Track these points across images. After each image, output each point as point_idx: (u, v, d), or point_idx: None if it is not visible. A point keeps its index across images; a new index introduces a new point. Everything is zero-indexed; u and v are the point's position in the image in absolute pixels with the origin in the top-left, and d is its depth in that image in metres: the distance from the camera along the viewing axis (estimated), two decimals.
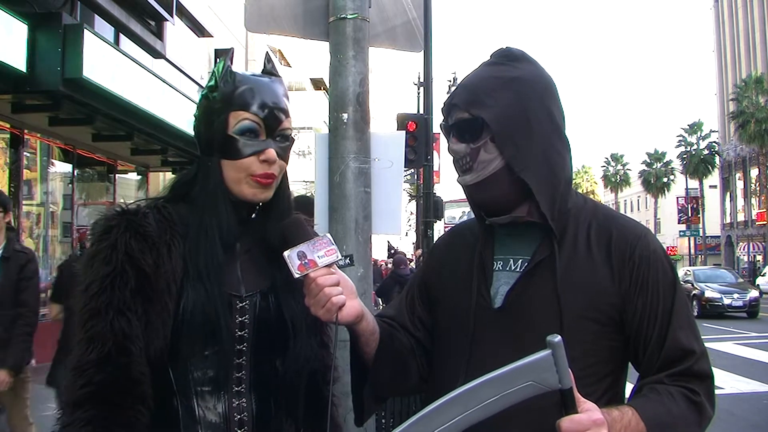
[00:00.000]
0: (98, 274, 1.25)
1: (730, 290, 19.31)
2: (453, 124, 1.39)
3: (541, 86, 1.38)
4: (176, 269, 1.30)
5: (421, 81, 16.60)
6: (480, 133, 1.34)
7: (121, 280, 1.25)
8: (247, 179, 1.36)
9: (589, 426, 1.10)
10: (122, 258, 1.25)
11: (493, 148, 1.33)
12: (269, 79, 1.43)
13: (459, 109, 1.37)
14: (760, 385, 8.43)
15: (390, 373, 1.43)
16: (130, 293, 1.25)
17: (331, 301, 1.26)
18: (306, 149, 20.44)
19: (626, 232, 1.36)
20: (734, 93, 41.57)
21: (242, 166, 1.35)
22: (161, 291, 1.28)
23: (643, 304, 1.31)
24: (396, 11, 3.49)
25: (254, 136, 1.35)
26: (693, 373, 1.29)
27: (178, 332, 1.29)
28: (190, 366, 1.31)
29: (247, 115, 1.35)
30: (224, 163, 1.36)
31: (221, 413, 1.32)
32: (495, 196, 1.36)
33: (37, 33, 7.57)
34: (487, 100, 1.34)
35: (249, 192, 1.37)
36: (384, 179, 3.28)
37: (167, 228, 1.32)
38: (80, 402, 1.20)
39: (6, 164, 9.18)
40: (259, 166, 1.35)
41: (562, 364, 1.05)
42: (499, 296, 1.36)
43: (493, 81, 1.36)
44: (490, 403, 1.04)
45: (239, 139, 1.34)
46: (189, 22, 14.30)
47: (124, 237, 1.27)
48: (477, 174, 1.35)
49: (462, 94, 1.38)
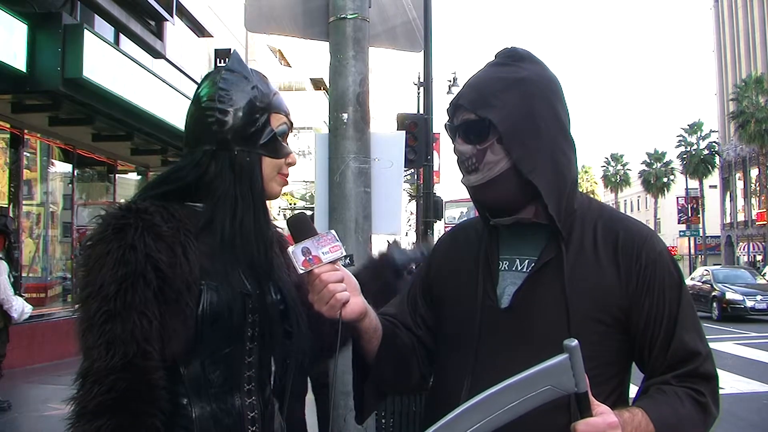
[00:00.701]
0: (115, 275, 1.19)
1: (753, 291, 17.70)
2: (459, 125, 1.38)
3: (547, 86, 1.38)
4: (193, 269, 1.27)
5: (421, 81, 16.60)
6: (487, 135, 1.34)
7: (144, 282, 1.20)
8: (276, 177, 1.43)
9: (605, 429, 1.12)
10: (142, 258, 1.21)
11: (500, 150, 1.33)
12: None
13: (465, 109, 1.37)
14: (760, 385, 8.42)
15: (391, 371, 1.44)
16: (152, 294, 1.21)
17: (335, 297, 1.26)
18: (306, 149, 20.43)
19: (632, 233, 1.36)
20: (734, 93, 41.56)
21: (278, 165, 1.42)
22: (179, 291, 1.25)
23: (649, 305, 1.31)
24: (396, 11, 3.49)
25: (284, 139, 1.45)
26: (699, 374, 1.30)
27: (196, 333, 1.27)
28: (206, 366, 1.30)
29: (285, 120, 1.44)
30: (265, 160, 1.41)
31: (235, 413, 1.32)
32: (501, 197, 1.35)
33: (37, 33, 7.57)
34: (494, 101, 1.33)
35: (277, 190, 1.45)
36: (384, 179, 3.28)
37: (179, 227, 1.30)
38: (101, 411, 1.14)
39: (6, 164, 9.18)
40: (284, 167, 1.44)
41: (579, 367, 1.06)
42: (506, 296, 1.36)
43: (500, 82, 1.36)
44: (511, 408, 1.05)
45: (279, 140, 1.42)
46: (189, 22, 14.30)
47: (143, 237, 1.23)
48: (483, 175, 1.35)
49: (468, 94, 1.37)
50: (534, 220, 1.35)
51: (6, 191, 9.04)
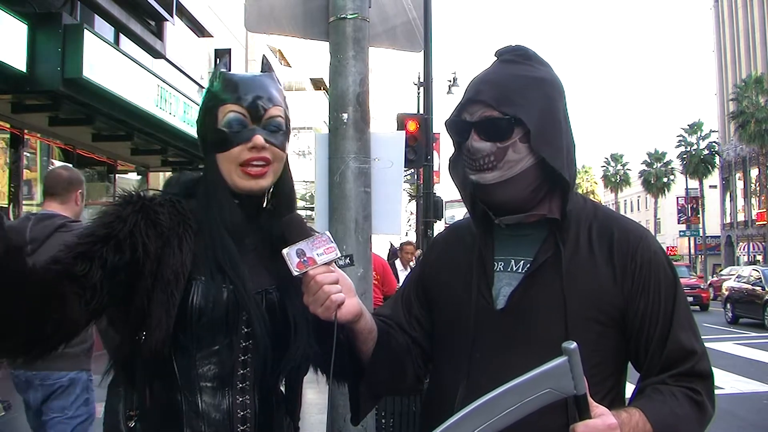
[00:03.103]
0: (95, 229, 1.29)
1: None
2: (477, 122, 1.35)
3: (558, 87, 1.40)
4: (185, 262, 1.30)
5: (421, 81, 16.59)
6: (510, 133, 1.33)
7: (115, 247, 1.26)
8: (237, 170, 1.39)
9: (604, 430, 1.12)
10: (126, 230, 1.28)
11: (523, 148, 1.33)
12: (258, 75, 1.48)
13: (486, 106, 1.34)
14: (760, 385, 8.41)
15: (386, 372, 1.43)
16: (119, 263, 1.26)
17: (330, 299, 1.26)
18: (306, 149, 20.42)
19: (627, 233, 1.36)
20: (734, 93, 41.56)
21: (232, 157, 1.38)
22: (167, 281, 1.28)
23: (644, 305, 1.32)
24: (396, 11, 3.48)
25: (242, 127, 1.39)
26: (695, 373, 1.30)
27: (185, 326, 1.29)
28: (196, 361, 1.31)
29: (232, 107, 1.39)
30: (218, 157, 1.40)
31: (224, 410, 1.32)
32: (516, 195, 1.35)
33: (37, 33, 7.56)
34: (520, 99, 1.32)
35: (241, 183, 1.39)
36: (384, 179, 3.28)
37: (181, 221, 1.34)
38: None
39: (6, 164, 9.18)
40: (248, 153, 1.38)
41: (578, 370, 1.07)
42: (501, 297, 1.36)
43: (521, 79, 1.35)
44: (511, 412, 1.06)
45: (227, 131, 1.38)
46: (189, 22, 14.29)
47: (136, 217, 1.29)
48: (502, 173, 1.33)
49: (488, 91, 1.35)
50: (545, 215, 1.36)
51: (6, 191, 9.04)
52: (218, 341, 1.32)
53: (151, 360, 1.28)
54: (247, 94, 1.40)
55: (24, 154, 9.50)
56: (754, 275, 16.52)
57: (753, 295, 15.92)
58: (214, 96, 1.42)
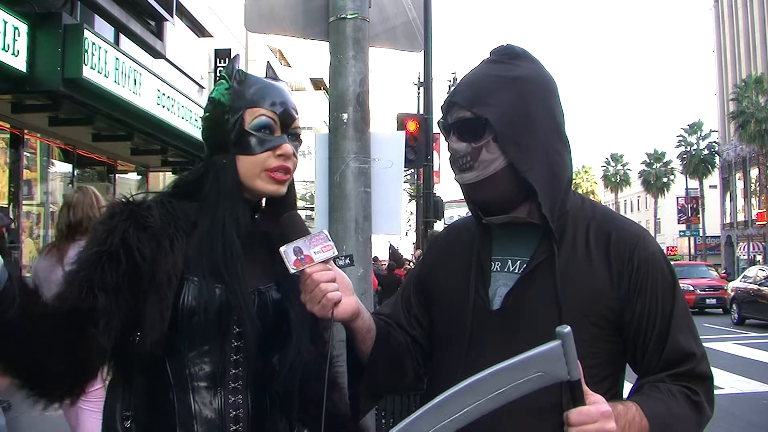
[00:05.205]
0: (88, 252, 1.29)
1: None
2: (453, 123, 1.37)
3: (542, 85, 1.37)
4: (177, 262, 1.31)
5: (421, 81, 16.61)
6: (482, 133, 1.33)
7: (114, 261, 1.26)
8: (261, 174, 1.39)
9: (597, 417, 1.10)
10: (117, 241, 1.27)
11: (495, 148, 1.32)
12: (280, 82, 1.49)
13: (460, 107, 1.36)
14: (760, 385, 8.41)
15: (385, 371, 1.43)
16: (121, 274, 1.26)
17: (326, 297, 1.25)
18: (306, 149, 20.42)
19: (625, 233, 1.35)
20: (734, 93, 41.54)
21: (258, 162, 1.38)
22: (160, 282, 1.28)
23: (642, 306, 1.30)
24: (396, 11, 3.48)
25: (269, 132, 1.39)
26: (694, 375, 1.30)
27: (177, 326, 1.29)
28: (187, 360, 1.32)
29: (264, 111, 1.39)
30: (240, 159, 1.38)
31: (217, 409, 1.32)
32: (495, 195, 1.34)
33: (37, 33, 7.56)
34: (490, 99, 1.32)
35: (264, 187, 1.40)
36: (384, 179, 3.28)
37: (171, 222, 1.34)
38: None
39: (6, 164, 9.18)
40: (274, 160, 1.38)
41: (572, 355, 1.04)
42: (497, 298, 1.36)
43: (496, 80, 1.35)
44: (500, 394, 1.03)
45: (256, 134, 1.38)
46: (189, 22, 14.29)
47: (124, 225, 1.29)
48: (478, 173, 1.34)
49: (464, 92, 1.36)
50: (527, 220, 1.34)
51: (6, 191, 9.04)
52: (210, 341, 1.32)
53: (144, 360, 1.28)
54: (278, 101, 1.41)
55: (24, 154, 9.50)
56: (761, 275, 16.00)
57: (759, 295, 15.46)
58: (239, 96, 1.40)
